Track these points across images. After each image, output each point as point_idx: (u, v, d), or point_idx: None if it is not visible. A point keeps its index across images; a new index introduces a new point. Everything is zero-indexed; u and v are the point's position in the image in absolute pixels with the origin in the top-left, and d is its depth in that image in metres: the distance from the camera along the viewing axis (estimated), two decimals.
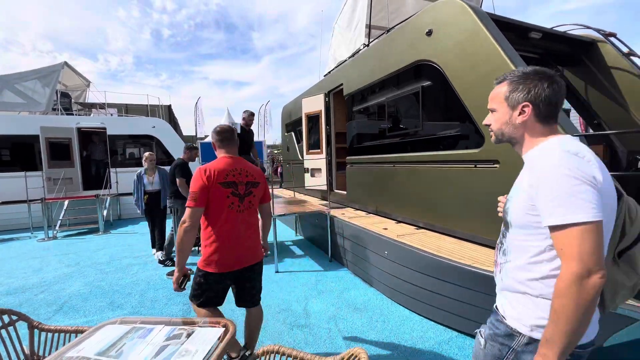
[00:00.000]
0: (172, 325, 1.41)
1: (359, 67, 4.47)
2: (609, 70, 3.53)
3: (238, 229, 1.77)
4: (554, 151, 0.85)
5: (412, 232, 3.29)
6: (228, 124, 1.96)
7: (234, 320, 1.45)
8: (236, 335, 1.68)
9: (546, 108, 0.92)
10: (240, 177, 1.79)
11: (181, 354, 1.20)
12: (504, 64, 2.40)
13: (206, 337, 1.31)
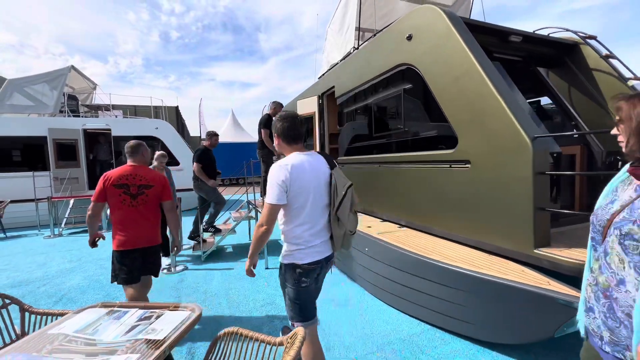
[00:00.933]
0: (145, 309, 1.56)
1: (349, 70, 4.60)
2: (590, 72, 3.58)
3: (131, 218, 2.28)
4: None
5: (394, 230, 3.40)
6: (137, 141, 2.48)
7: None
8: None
9: None
10: (133, 181, 2.30)
11: (147, 332, 1.35)
12: (474, 69, 2.50)
13: (173, 319, 1.45)
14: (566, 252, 2.04)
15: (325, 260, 1.72)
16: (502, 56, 3.52)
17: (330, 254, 1.76)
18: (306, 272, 1.65)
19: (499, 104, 2.31)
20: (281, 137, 1.74)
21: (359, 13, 4.68)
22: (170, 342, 1.26)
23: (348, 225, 1.68)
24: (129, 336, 1.32)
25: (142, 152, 2.45)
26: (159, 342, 1.26)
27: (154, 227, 2.40)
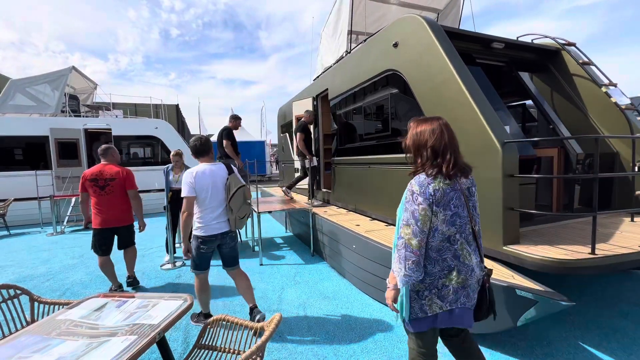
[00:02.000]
0: (143, 299, 1.74)
1: (341, 74, 4.75)
2: (571, 77, 3.74)
3: (102, 204, 3.20)
4: None
5: (381, 229, 3.56)
6: (107, 145, 3.37)
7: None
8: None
9: None
10: (101, 176, 3.19)
11: (144, 318, 1.52)
12: (452, 77, 2.66)
13: (167, 307, 1.63)
14: (532, 249, 2.21)
15: (220, 235, 2.52)
16: (485, 61, 3.68)
17: (225, 231, 2.54)
18: (205, 241, 2.48)
19: (474, 111, 2.47)
20: (192, 153, 2.59)
21: (350, 18, 4.82)
22: (163, 326, 1.44)
23: (239, 213, 2.55)
24: (128, 321, 1.50)
25: (111, 154, 3.34)
26: (154, 326, 1.43)
27: (122, 211, 3.31)
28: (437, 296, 1.33)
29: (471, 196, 1.43)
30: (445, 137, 1.38)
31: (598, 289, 3.20)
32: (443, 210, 1.31)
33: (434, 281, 1.33)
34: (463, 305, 1.34)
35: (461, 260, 1.34)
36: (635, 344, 2.28)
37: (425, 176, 1.35)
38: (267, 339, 1.22)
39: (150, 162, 9.47)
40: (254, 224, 4.96)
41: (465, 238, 1.37)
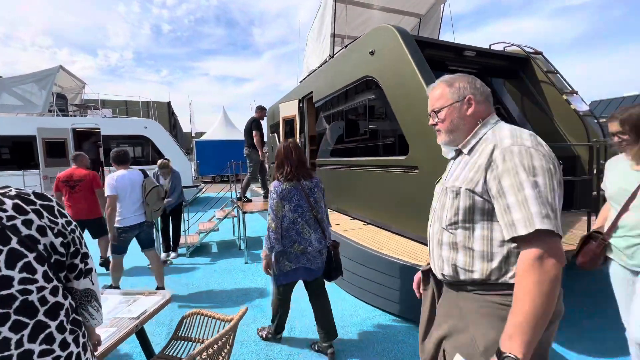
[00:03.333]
0: (124, 295, 1.88)
1: (324, 77, 4.90)
2: (539, 84, 3.96)
3: (73, 200, 3.81)
4: None
5: (359, 227, 3.75)
6: (78, 152, 4.02)
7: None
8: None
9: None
10: (71, 178, 3.79)
11: (125, 312, 1.67)
12: (420, 87, 2.83)
13: (147, 302, 1.78)
14: None
15: (138, 225, 3.15)
16: (458, 68, 3.87)
17: (142, 221, 3.18)
18: (125, 230, 3.09)
19: None
20: (114, 162, 3.21)
21: (333, 22, 4.97)
22: (142, 319, 1.59)
23: (153, 207, 3.26)
24: (109, 315, 1.64)
25: (80, 159, 3.95)
26: (133, 319, 1.58)
27: (89, 206, 3.91)
28: (287, 260, 2.11)
29: (312, 193, 2.16)
30: (284, 154, 2.13)
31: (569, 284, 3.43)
32: (288, 203, 2.06)
33: (285, 249, 2.09)
34: (304, 265, 2.14)
35: (302, 236, 2.10)
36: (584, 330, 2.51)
37: (277, 181, 2.10)
38: (230, 329, 1.38)
39: (141, 162, 9.51)
40: (240, 223, 5.10)
41: (306, 221, 2.12)
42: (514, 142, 0.92)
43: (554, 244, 0.84)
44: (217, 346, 1.33)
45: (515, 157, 0.89)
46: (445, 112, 1.09)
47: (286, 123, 6.41)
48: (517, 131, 0.97)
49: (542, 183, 0.86)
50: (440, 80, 1.14)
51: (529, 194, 0.85)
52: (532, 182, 0.85)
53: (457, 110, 1.07)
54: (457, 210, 1.00)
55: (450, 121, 1.08)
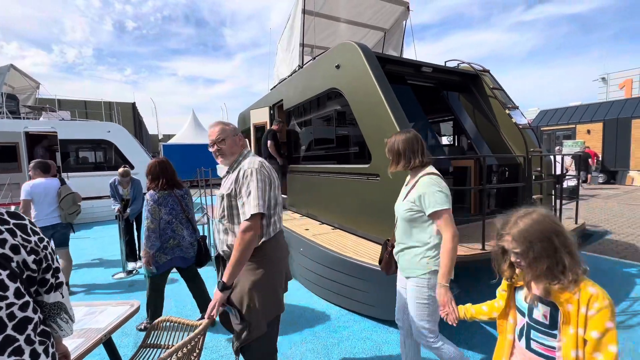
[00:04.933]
0: (90, 307, 1.90)
1: (294, 87, 5.06)
2: (487, 99, 4.38)
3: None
4: None
5: (327, 232, 3.92)
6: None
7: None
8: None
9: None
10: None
11: (92, 324, 1.70)
12: (380, 101, 3.07)
13: (114, 312, 1.81)
14: None
15: (51, 226, 3.57)
16: (417, 82, 4.20)
17: (55, 223, 3.61)
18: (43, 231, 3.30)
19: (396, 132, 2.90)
20: (36, 170, 3.67)
21: (302, 34, 5.15)
22: (110, 329, 1.63)
23: (68, 210, 3.68)
24: (76, 327, 1.65)
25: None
26: (100, 330, 1.62)
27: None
28: (163, 253, 2.60)
29: (184, 199, 2.73)
30: (160, 169, 2.65)
31: None
32: (164, 207, 2.58)
33: (162, 245, 2.58)
34: (178, 255, 2.67)
35: (176, 232, 2.64)
36: None
37: (153, 191, 2.58)
38: (199, 332, 1.48)
39: (103, 167, 9.06)
40: (210, 231, 5.09)
41: (180, 221, 2.66)
42: (249, 165, 1.65)
43: (255, 220, 1.54)
44: (187, 349, 1.42)
45: (250, 175, 1.64)
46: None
47: (257, 129, 6.47)
48: (254, 159, 1.70)
49: (260, 187, 1.58)
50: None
51: (253, 195, 1.56)
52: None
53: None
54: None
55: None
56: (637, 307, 3.00)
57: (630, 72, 20.54)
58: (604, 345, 0.96)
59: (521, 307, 1.18)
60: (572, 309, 1.01)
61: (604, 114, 12.36)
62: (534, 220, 1.06)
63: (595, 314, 0.97)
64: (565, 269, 1.01)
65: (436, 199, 1.68)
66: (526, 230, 1.05)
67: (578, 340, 1.00)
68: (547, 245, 1.02)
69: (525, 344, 1.16)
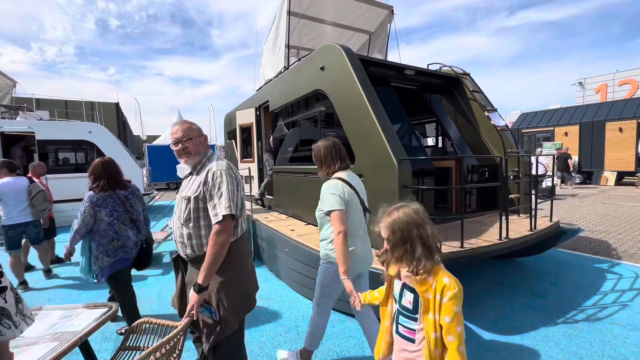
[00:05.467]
0: (66, 310, 1.86)
1: (279, 88, 5.07)
2: (468, 101, 4.51)
3: None
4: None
5: (313, 232, 3.94)
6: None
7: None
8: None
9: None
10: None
11: (67, 326, 1.67)
12: (363, 103, 3.13)
13: (91, 315, 1.78)
14: None
15: (24, 223, 3.77)
16: (400, 85, 4.29)
17: (28, 221, 3.79)
18: (11, 227, 3.71)
19: (379, 133, 2.96)
20: (3, 169, 3.77)
21: (288, 35, 5.17)
22: (86, 332, 1.60)
23: (39, 207, 3.81)
24: (50, 331, 1.62)
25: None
26: (76, 332, 1.59)
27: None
28: (106, 255, 2.50)
29: (128, 200, 2.65)
30: (102, 169, 2.61)
31: (485, 275, 3.94)
32: (105, 209, 2.50)
33: (104, 247, 2.49)
34: (122, 256, 2.56)
35: (119, 233, 2.55)
36: (499, 316, 2.94)
37: (92, 192, 2.53)
38: (179, 331, 1.47)
39: (84, 169, 8.80)
40: None
41: (123, 222, 2.59)
42: (217, 167, 1.65)
43: (228, 221, 1.55)
44: (165, 350, 1.41)
45: (219, 176, 1.63)
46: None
47: (243, 130, 6.44)
48: (220, 161, 1.72)
49: (230, 189, 1.59)
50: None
51: (224, 196, 1.57)
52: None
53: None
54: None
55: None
56: (607, 301, 3.15)
57: (605, 77, 21.48)
58: (453, 327, 1.09)
59: (395, 295, 1.33)
60: (430, 297, 1.14)
61: (581, 117, 12.88)
62: (403, 213, 1.22)
63: (447, 302, 1.10)
64: (420, 258, 1.16)
65: (329, 200, 1.93)
66: (394, 220, 1.21)
67: (436, 324, 1.13)
68: (406, 234, 1.18)
69: (395, 328, 1.30)
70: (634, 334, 2.56)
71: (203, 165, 1.71)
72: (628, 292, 3.33)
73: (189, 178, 1.75)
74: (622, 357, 2.30)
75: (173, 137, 1.72)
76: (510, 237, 2.98)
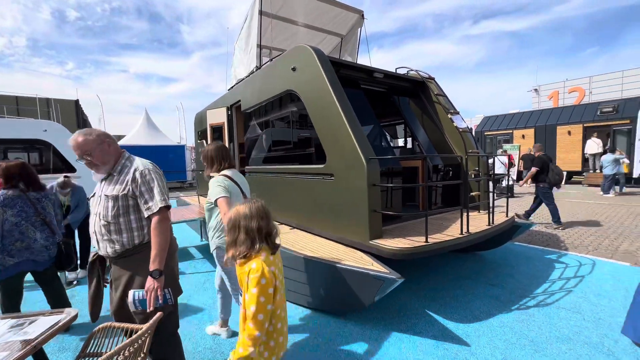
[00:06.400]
0: (17, 319, 1.74)
1: (252, 87, 5.03)
2: (433, 104, 4.75)
3: None
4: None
5: (285, 232, 3.95)
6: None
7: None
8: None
9: None
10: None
11: (19, 335, 1.57)
12: (333, 103, 3.20)
13: (47, 322, 1.68)
14: (389, 242, 2.86)
15: None
16: (368, 87, 4.42)
17: None
18: None
19: (348, 133, 3.04)
20: None
21: (259, 35, 5.15)
22: (40, 340, 1.51)
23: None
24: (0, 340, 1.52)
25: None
26: (30, 341, 1.50)
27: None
28: (8, 255, 2.44)
29: (40, 203, 2.63)
30: (14, 171, 2.57)
31: (448, 268, 4.16)
32: (10, 209, 2.47)
33: (6, 247, 2.44)
34: (27, 258, 2.50)
35: (25, 235, 2.50)
36: (462, 306, 3.13)
37: (4, 190, 2.52)
38: (142, 333, 1.44)
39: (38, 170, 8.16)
40: None
41: (32, 223, 2.54)
42: (144, 166, 1.81)
43: (166, 211, 1.76)
44: (129, 352, 1.38)
45: (147, 174, 1.79)
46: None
47: (214, 130, 6.31)
48: (141, 160, 1.86)
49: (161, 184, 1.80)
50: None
51: (156, 191, 1.77)
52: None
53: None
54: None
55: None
56: (555, 288, 3.46)
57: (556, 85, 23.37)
58: (248, 305, 1.32)
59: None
60: (245, 278, 1.39)
61: (535, 121, 13.95)
62: (243, 206, 1.48)
63: (249, 282, 1.34)
64: (241, 245, 1.41)
65: (215, 191, 2.31)
66: (233, 212, 1.48)
67: (245, 301, 1.37)
68: (235, 224, 1.44)
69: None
70: (576, 316, 2.85)
71: (123, 165, 1.82)
72: (572, 279, 3.67)
73: (109, 179, 1.83)
74: (565, 337, 2.55)
75: (75, 152, 1.77)
76: (471, 231, 3.19)
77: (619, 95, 18.39)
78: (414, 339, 2.60)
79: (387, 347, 2.51)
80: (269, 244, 1.47)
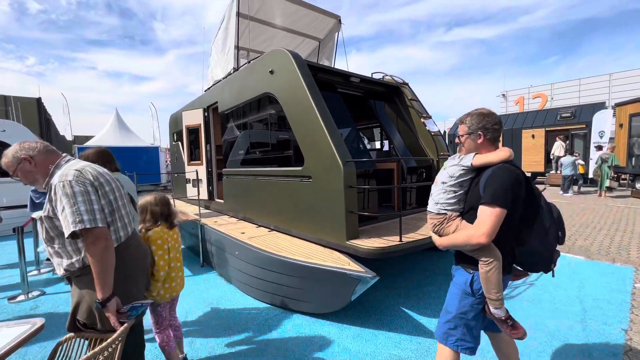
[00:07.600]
0: None
1: (229, 89, 4.99)
2: (408, 108, 4.92)
3: None
4: None
5: (263, 234, 3.95)
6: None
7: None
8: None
9: None
10: None
11: None
12: (311, 107, 3.25)
13: (9, 333, 1.60)
14: (365, 242, 2.94)
15: None
16: (346, 91, 4.52)
17: None
18: None
19: (325, 136, 3.11)
20: None
21: (237, 36, 5.12)
22: (3, 352, 1.44)
23: None
24: None
25: None
26: None
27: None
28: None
29: None
30: None
31: (422, 266, 4.33)
32: None
33: None
34: None
35: None
36: (435, 302, 3.28)
37: None
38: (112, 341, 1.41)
39: None
40: None
41: None
42: (60, 179, 1.48)
43: (92, 233, 1.44)
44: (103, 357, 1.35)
45: (59, 190, 1.46)
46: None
47: (190, 132, 6.18)
48: (66, 170, 1.53)
49: (80, 200, 1.44)
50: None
51: (67, 211, 1.42)
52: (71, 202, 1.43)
53: None
54: None
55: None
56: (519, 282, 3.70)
57: (522, 91, 24.82)
58: (153, 256, 2.07)
59: None
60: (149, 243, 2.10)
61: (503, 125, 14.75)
62: (150, 196, 2.22)
63: (150, 242, 2.09)
64: (145, 222, 2.17)
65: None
66: (145, 200, 2.21)
67: None
68: (144, 207, 2.19)
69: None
70: (535, 306, 3.07)
71: (48, 182, 1.57)
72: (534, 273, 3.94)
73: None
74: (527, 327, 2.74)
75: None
76: None
77: (577, 102, 19.85)
78: (389, 335, 2.69)
79: (363, 344, 2.59)
80: (167, 222, 2.21)
